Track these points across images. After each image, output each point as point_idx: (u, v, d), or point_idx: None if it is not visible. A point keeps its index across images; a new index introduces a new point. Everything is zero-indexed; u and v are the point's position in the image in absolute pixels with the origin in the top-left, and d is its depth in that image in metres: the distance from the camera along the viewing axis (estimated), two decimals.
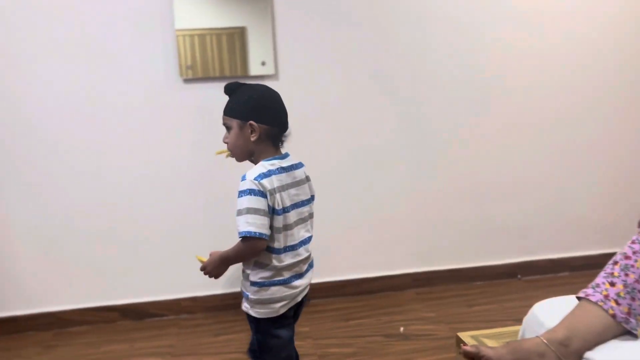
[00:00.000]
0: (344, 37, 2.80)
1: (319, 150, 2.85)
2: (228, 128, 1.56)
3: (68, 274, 2.73)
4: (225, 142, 1.58)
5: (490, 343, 1.58)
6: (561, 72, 2.98)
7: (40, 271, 2.72)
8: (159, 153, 2.72)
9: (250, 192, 1.45)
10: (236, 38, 2.71)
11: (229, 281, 2.83)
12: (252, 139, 1.51)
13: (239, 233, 1.45)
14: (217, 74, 2.70)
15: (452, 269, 3.04)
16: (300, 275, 1.56)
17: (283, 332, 1.58)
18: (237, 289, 2.80)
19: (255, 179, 1.45)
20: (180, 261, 2.77)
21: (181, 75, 2.67)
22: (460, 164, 2.99)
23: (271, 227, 1.48)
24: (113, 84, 2.66)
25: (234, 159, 1.61)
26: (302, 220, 1.57)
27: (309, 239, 1.61)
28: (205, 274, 1.58)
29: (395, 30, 2.84)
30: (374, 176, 2.93)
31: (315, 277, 2.92)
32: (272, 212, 1.47)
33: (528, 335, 1.48)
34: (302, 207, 1.57)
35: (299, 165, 1.61)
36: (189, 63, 2.67)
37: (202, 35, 2.67)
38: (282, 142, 1.59)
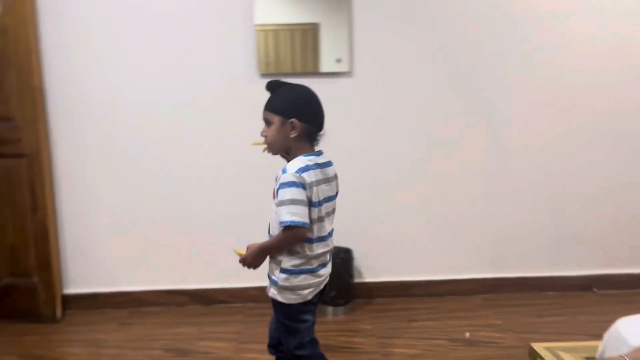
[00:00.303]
0: (422, 37, 2.77)
1: (392, 149, 2.84)
2: (268, 123, 1.64)
3: (145, 257, 2.87)
4: (263, 136, 1.66)
5: (566, 357, 1.52)
6: None
7: (120, 253, 2.87)
8: (235, 144, 2.80)
9: (293, 184, 1.53)
10: (309, 34, 2.74)
11: None
12: (292, 136, 1.60)
13: (282, 223, 1.53)
14: (290, 70, 2.74)
15: (523, 277, 2.95)
16: (324, 265, 1.66)
17: (309, 317, 1.66)
18: None
19: (297, 172, 1.54)
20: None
21: (259, 70, 2.74)
22: (539, 170, 2.89)
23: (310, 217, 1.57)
24: (194, 79, 2.76)
25: (268, 153, 1.71)
26: (329, 214, 1.66)
27: (333, 231, 1.70)
28: (244, 265, 1.67)
29: (476, 32, 2.78)
30: (447, 179, 2.88)
31: (381, 275, 2.97)
32: (310, 204, 1.55)
33: (610, 353, 1.41)
34: (330, 202, 1.65)
35: (330, 164, 1.68)
36: (267, 58, 2.73)
37: (279, 31, 2.72)
38: (317, 140, 1.67)
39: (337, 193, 1.70)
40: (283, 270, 1.60)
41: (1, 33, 2.53)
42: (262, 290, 2.87)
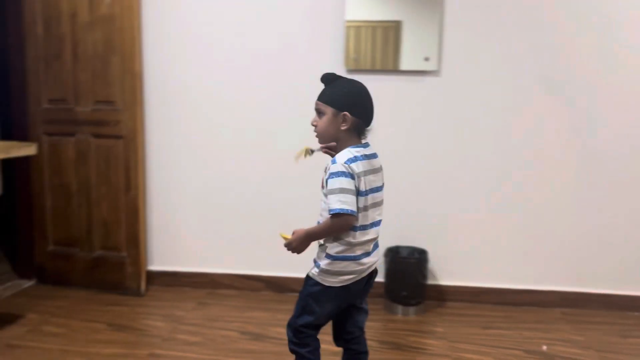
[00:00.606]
0: (515, 39, 2.69)
1: (474, 151, 2.78)
2: (320, 113, 1.71)
3: (224, 241, 2.98)
4: (313, 125, 1.73)
5: None
6: None
7: (201, 235, 3.00)
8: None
9: (342, 174, 1.60)
10: (391, 32, 2.73)
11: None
12: (342, 128, 1.67)
13: (332, 210, 1.59)
14: (377, 67, 2.74)
15: (607, 294, 2.80)
16: (368, 254, 1.69)
17: (328, 306, 1.71)
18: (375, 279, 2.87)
19: (346, 162, 1.60)
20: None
21: (346, 66, 2.76)
22: (633, 183, 2.73)
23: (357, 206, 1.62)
24: (282, 73, 2.83)
25: (311, 158, 1.81)
26: (375, 205, 1.69)
27: (379, 222, 1.72)
28: (289, 249, 1.73)
29: (573, 35, 2.67)
30: (534, 185, 2.78)
31: (455, 279, 2.92)
32: (357, 193, 1.61)
33: None
34: (376, 193, 1.69)
35: (376, 155, 1.72)
36: (354, 55, 2.75)
37: (367, 28, 2.73)
38: (365, 134, 1.72)
39: (383, 184, 1.74)
40: (328, 256, 1.66)
41: (109, 21, 2.71)
42: None
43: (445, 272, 2.88)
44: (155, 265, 3.03)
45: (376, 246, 1.74)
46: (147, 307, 2.76)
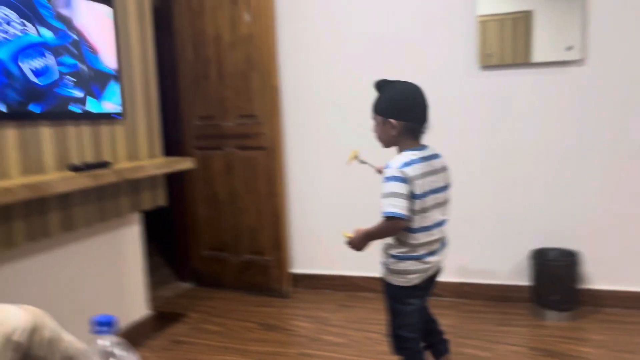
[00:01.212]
0: None
1: (627, 146, 2.55)
2: (374, 119, 1.77)
3: None
4: (375, 132, 1.78)
5: None
6: None
7: (341, 239, 3.07)
8: (456, 140, 2.80)
9: (395, 178, 1.63)
10: (521, 23, 2.60)
11: (515, 272, 2.77)
12: (392, 134, 1.71)
13: (384, 213, 1.63)
14: (507, 61, 2.64)
15: None
16: (432, 253, 1.73)
17: (413, 301, 1.76)
18: (518, 282, 2.74)
19: (400, 167, 1.64)
20: (463, 247, 2.83)
21: (480, 63, 2.68)
22: None
23: (411, 209, 1.64)
24: (415, 74, 2.82)
25: (365, 165, 1.95)
26: (438, 205, 1.72)
27: (443, 221, 1.75)
28: (351, 247, 1.81)
29: None
30: None
31: (614, 283, 2.68)
32: (412, 196, 1.63)
33: None
34: (438, 193, 1.72)
35: (437, 156, 1.77)
36: (489, 50, 2.66)
37: (502, 20, 2.63)
38: (422, 133, 1.74)
39: (447, 185, 1.78)
40: (392, 256, 1.73)
41: (249, 40, 2.91)
42: (476, 287, 2.87)
43: (601, 276, 2.67)
44: (298, 268, 3.17)
45: (443, 245, 1.79)
46: (292, 309, 2.90)
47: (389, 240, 1.74)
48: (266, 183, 3.00)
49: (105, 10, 2.14)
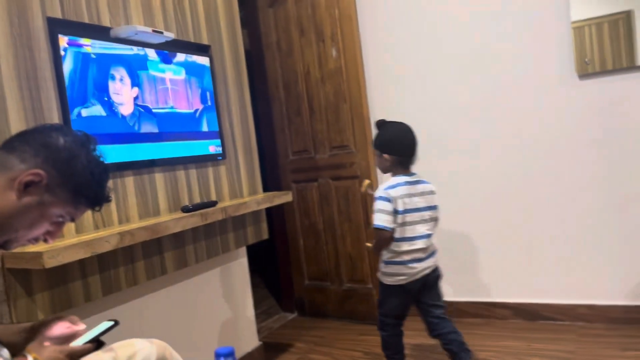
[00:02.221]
0: None
1: None
2: (375, 153, 2.22)
3: (464, 268, 2.96)
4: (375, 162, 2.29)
5: None
6: None
7: (440, 264, 3.02)
8: (554, 153, 2.67)
9: (381, 198, 2.08)
10: (620, 24, 2.44)
11: (634, 293, 2.56)
12: (386, 165, 2.16)
13: (373, 225, 2.09)
14: (608, 67, 2.49)
15: None
16: (418, 260, 2.10)
17: (394, 300, 2.17)
18: None
19: (385, 189, 2.08)
20: (577, 265, 2.67)
21: (577, 71, 2.57)
22: None
23: (395, 222, 2.06)
24: (507, 85, 2.76)
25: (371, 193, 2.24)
26: (423, 221, 2.12)
27: (428, 235, 2.13)
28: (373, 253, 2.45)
29: None
30: None
31: None
32: (395, 212, 2.05)
33: None
34: (423, 212, 2.11)
35: (423, 182, 2.17)
36: (587, 57, 2.54)
37: (598, 24, 2.50)
38: (411, 164, 2.17)
39: (433, 205, 2.15)
40: (383, 261, 2.16)
41: (338, 73, 3.00)
42: (593, 308, 2.68)
43: None
44: None
45: (430, 255, 2.15)
46: None
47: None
48: (362, 211, 3.03)
49: (203, 60, 2.32)
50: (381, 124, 2.21)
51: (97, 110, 1.84)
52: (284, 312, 3.50)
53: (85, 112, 1.79)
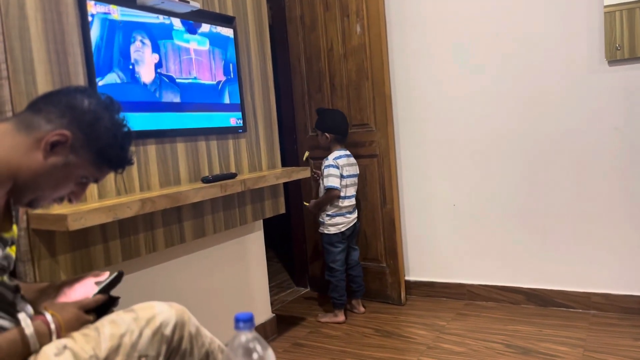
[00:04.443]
0: None
1: None
2: (317, 133, 2.92)
3: (480, 252, 2.96)
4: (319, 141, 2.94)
5: None
6: None
7: (456, 246, 3.03)
8: (580, 139, 2.64)
9: (332, 165, 2.78)
10: None
11: None
12: (327, 142, 2.87)
13: (326, 186, 2.78)
14: (638, 54, 2.44)
15: None
16: (350, 212, 2.85)
17: (340, 245, 2.83)
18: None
19: (334, 159, 2.80)
20: (593, 253, 2.66)
21: (607, 57, 2.51)
22: None
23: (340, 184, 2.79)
24: (533, 70, 2.71)
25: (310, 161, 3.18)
26: (353, 184, 2.86)
27: (355, 195, 2.87)
28: (310, 211, 2.97)
29: None
30: None
31: None
32: (341, 176, 2.78)
33: None
34: (353, 178, 2.86)
35: (351, 155, 2.88)
36: (618, 43, 2.48)
37: (630, 10, 2.44)
38: (344, 141, 2.89)
39: (357, 173, 2.89)
40: (327, 215, 2.82)
41: (360, 51, 2.97)
42: (607, 297, 2.67)
43: None
44: (413, 276, 3.16)
45: (355, 209, 2.88)
46: (408, 316, 2.89)
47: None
48: (379, 190, 3.03)
49: (227, 31, 2.31)
50: (321, 111, 2.89)
51: (121, 77, 1.85)
52: (297, 287, 3.55)
53: (110, 78, 1.81)
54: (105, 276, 1.32)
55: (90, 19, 1.74)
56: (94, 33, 1.75)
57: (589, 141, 2.62)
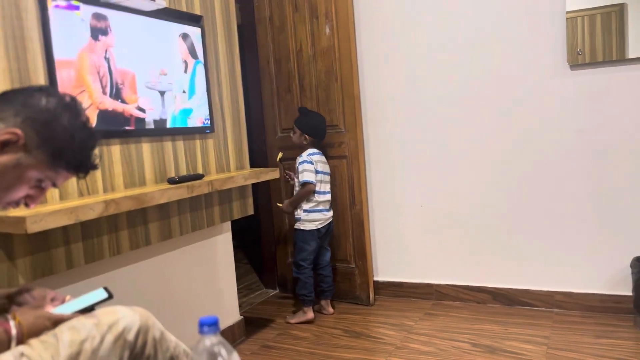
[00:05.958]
0: None
1: None
2: (294, 131, 2.89)
3: (447, 252, 2.99)
4: (291, 136, 2.92)
5: None
6: None
7: (424, 247, 3.06)
8: (544, 142, 2.70)
9: (306, 161, 2.81)
10: (613, 16, 2.46)
11: (610, 282, 2.61)
12: (304, 142, 2.87)
13: (301, 181, 2.80)
14: (599, 59, 2.51)
15: None
16: (327, 210, 2.89)
17: (313, 243, 2.84)
18: (619, 292, 2.58)
19: (308, 155, 2.83)
20: (556, 253, 2.72)
21: (569, 61, 2.58)
22: None
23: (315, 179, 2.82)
24: (499, 75, 2.76)
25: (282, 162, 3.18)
26: (327, 181, 2.90)
27: (329, 192, 2.91)
28: (284, 212, 3.01)
29: None
30: None
31: None
32: (316, 172, 2.81)
33: None
34: (326, 175, 2.90)
35: (322, 154, 2.90)
36: (579, 48, 2.55)
37: (592, 16, 2.51)
38: (320, 143, 2.93)
39: (330, 172, 2.94)
40: (304, 210, 2.83)
41: (330, 51, 2.97)
42: (570, 296, 2.73)
43: None
44: (382, 276, 3.18)
45: (330, 207, 2.92)
46: (377, 316, 2.90)
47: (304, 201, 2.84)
48: (348, 191, 3.04)
49: (194, 31, 2.28)
50: (304, 111, 2.87)
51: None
52: (266, 288, 3.52)
53: None
54: (66, 301, 1.27)
55: (50, 15, 1.69)
56: (54, 29, 1.70)
57: (553, 143, 2.68)
